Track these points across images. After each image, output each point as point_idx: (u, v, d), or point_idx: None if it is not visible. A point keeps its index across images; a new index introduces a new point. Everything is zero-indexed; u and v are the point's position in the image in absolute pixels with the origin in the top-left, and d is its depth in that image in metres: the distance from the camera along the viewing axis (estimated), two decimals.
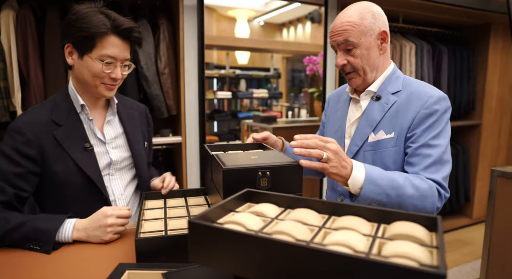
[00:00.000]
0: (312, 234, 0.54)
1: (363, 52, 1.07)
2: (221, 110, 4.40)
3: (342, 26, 1.06)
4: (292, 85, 5.13)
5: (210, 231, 0.51)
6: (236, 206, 0.67)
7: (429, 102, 1.03)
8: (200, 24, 2.17)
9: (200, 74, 2.23)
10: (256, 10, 4.36)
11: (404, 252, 0.45)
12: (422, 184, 0.97)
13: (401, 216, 0.56)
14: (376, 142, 1.08)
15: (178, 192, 1.13)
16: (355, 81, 1.11)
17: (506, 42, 3.53)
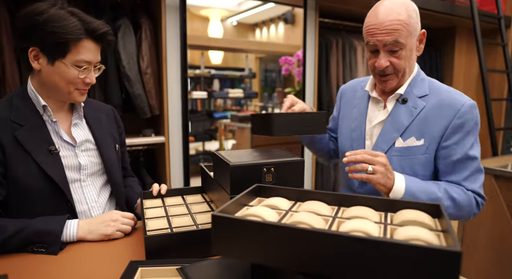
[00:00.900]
0: (328, 223, 0.58)
1: (407, 54, 1.01)
2: (195, 111, 4.38)
3: (391, 24, 0.97)
4: (265, 85, 5.19)
5: (235, 223, 0.54)
6: (248, 200, 0.70)
7: (462, 111, 1.00)
8: (183, 24, 2.17)
9: (182, 74, 2.23)
10: (229, 10, 4.37)
11: (416, 236, 0.50)
12: (461, 195, 0.98)
13: (405, 205, 0.61)
14: (405, 148, 1.05)
15: (174, 191, 1.14)
16: (391, 83, 1.05)
17: (470, 43, 3.75)
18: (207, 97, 4.10)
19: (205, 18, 4.21)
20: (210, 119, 4.21)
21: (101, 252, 0.89)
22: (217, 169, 0.95)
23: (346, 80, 2.93)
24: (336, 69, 2.88)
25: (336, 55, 2.87)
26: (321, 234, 0.49)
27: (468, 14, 2.98)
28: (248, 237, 0.53)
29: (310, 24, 2.62)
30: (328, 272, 0.49)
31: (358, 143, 1.15)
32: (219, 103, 4.87)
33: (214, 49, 4.53)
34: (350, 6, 2.75)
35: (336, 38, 2.88)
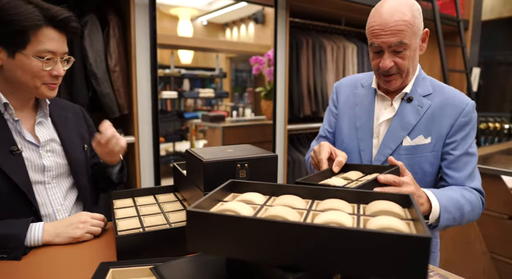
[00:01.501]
0: (303, 216, 0.59)
1: (411, 54, 1.00)
2: (165, 111, 4.32)
3: (396, 25, 0.95)
4: (236, 85, 5.18)
5: (210, 218, 0.54)
6: (223, 196, 0.69)
7: (466, 110, 1.03)
8: (152, 22, 2.13)
9: (152, 72, 2.19)
10: (199, 9, 4.33)
11: (388, 225, 0.51)
12: (472, 197, 1.01)
13: (377, 196, 0.63)
14: (413, 146, 1.06)
15: (146, 190, 1.11)
16: (395, 83, 1.05)
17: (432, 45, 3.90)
18: (177, 97, 4.04)
19: (174, 17, 4.15)
20: (181, 120, 4.16)
21: (69, 255, 0.85)
22: (190, 166, 0.94)
23: (316, 80, 2.97)
24: (306, 68, 2.93)
25: (307, 55, 2.92)
26: (296, 226, 0.49)
27: (431, 16, 3.10)
28: (224, 231, 0.53)
29: (281, 24, 2.64)
30: (305, 263, 0.50)
31: (365, 141, 1.13)
32: (190, 103, 4.81)
33: (184, 49, 4.48)
34: (320, 6, 2.80)
35: (307, 38, 2.92)
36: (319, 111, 3.04)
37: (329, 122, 1.29)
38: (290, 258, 0.50)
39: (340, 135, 1.22)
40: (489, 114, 5.21)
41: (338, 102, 1.26)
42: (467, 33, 3.84)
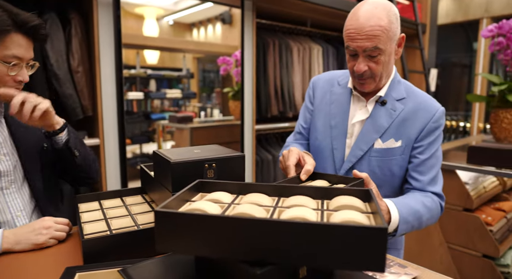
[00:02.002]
0: (269, 213, 0.61)
1: (386, 59, 1.00)
2: (131, 112, 4.23)
3: (372, 30, 0.95)
4: (203, 85, 5.16)
5: (178, 217, 0.55)
6: (191, 196, 0.70)
7: (436, 116, 1.06)
8: (117, 21, 2.09)
9: (117, 73, 2.14)
10: (165, 9, 4.27)
11: (350, 218, 0.55)
12: (432, 204, 1.05)
13: (339, 191, 0.67)
14: (384, 149, 1.08)
15: (112, 193, 1.09)
16: (369, 86, 1.07)
17: None
18: (143, 98, 3.96)
19: (139, 16, 4.06)
20: (147, 121, 4.08)
21: (32, 261, 0.83)
22: (157, 167, 0.94)
23: (283, 80, 3.02)
24: (273, 69, 2.97)
25: (273, 56, 2.96)
26: (262, 222, 0.51)
27: None
28: (193, 230, 0.54)
29: (248, 25, 2.67)
30: (272, 258, 0.52)
31: (338, 140, 1.15)
32: (156, 104, 4.73)
33: (150, 49, 4.39)
34: (286, 8, 2.85)
35: (273, 39, 2.97)
36: (286, 112, 3.09)
37: (305, 118, 1.29)
38: (258, 253, 0.52)
39: (314, 132, 1.23)
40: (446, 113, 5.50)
41: (314, 99, 1.26)
42: (425, 36, 4.04)
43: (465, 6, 4.74)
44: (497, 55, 2.13)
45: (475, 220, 1.80)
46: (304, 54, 3.14)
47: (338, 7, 2.81)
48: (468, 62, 5.26)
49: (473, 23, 4.78)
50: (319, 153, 1.20)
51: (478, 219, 1.79)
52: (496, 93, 2.04)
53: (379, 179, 1.10)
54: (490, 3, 4.52)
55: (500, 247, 1.76)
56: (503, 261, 1.87)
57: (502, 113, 2.01)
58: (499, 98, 2.04)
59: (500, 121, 2.02)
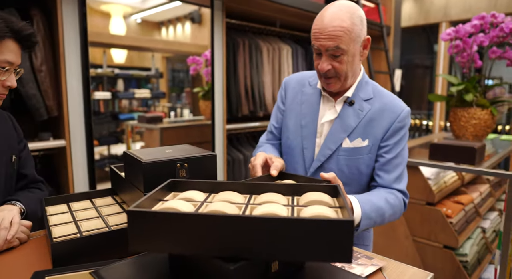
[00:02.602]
0: (242, 210, 0.62)
1: (349, 59, 1.04)
2: (98, 112, 4.11)
3: (334, 30, 0.99)
4: (173, 85, 5.09)
5: (151, 216, 0.55)
6: (163, 195, 0.71)
7: (401, 116, 1.09)
8: (82, 19, 2.03)
9: (84, 72, 2.08)
10: (132, 7, 4.19)
11: (318, 213, 0.57)
12: (396, 201, 1.08)
13: (308, 188, 0.69)
14: (352, 148, 1.11)
15: (81, 195, 1.07)
16: (334, 86, 1.10)
17: None
18: (111, 98, 3.86)
19: (106, 14, 3.96)
20: (116, 121, 3.98)
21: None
22: (128, 168, 0.93)
23: (253, 80, 3.05)
24: (243, 69, 2.99)
25: (243, 56, 2.98)
26: (235, 218, 0.53)
27: None
28: (166, 229, 0.55)
29: (218, 24, 2.67)
30: (244, 253, 0.53)
31: (308, 140, 1.18)
32: (124, 104, 4.62)
33: (117, 47, 4.28)
34: (255, 8, 2.87)
35: (243, 39, 2.98)
36: (256, 111, 3.12)
37: (276, 118, 1.32)
38: (231, 249, 0.53)
39: (286, 132, 1.26)
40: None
41: (286, 99, 1.29)
42: (389, 38, 4.19)
43: (425, 11, 4.97)
44: (455, 57, 2.25)
45: (436, 213, 1.90)
46: (274, 55, 3.18)
47: (306, 8, 2.87)
48: (430, 63, 5.51)
49: (434, 27, 5.02)
50: (290, 151, 1.23)
51: (439, 212, 1.89)
52: (455, 93, 2.16)
53: (347, 177, 1.14)
54: (449, 9, 4.76)
55: (459, 238, 1.87)
56: (462, 250, 1.98)
57: (460, 112, 2.13)
58: (457, 98, 2.16)
59: (458, 119, 2.14)
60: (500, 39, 2.08)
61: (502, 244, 1.69)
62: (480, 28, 2.13)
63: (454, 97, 2.20)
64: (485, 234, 2.39)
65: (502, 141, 2.67)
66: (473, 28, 2.12)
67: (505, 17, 2.08)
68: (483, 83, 2.17)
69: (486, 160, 1.91)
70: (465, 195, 2.22)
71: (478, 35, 2.13)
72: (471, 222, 2.15)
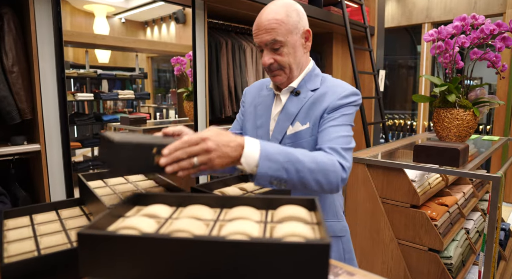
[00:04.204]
0: (209, 228, 0.57)
1: (290, 51, 1.07)
2: (82, 114, 4.01)
3: (269, 24, 1.03)
4: (158, 85, 5.01)
5: (103, 240, 0.49)
6: (125, 210, 0.65)
7: (342, 95, 1.07)
8: (56, 17, 1.95)
9: (59, 73, 2.00)
10: (115, 6, 4.10)
11: (293, 232, 0.53)
12: (322, 158, 0.92)
13: (284, 201, 0.65)
14: (294, 134, 1.11)
15: (46, 206, 1.00)
16: (280, 78, 1.12)
17: (345, 48, 4.19)
18: (94, 99, 3.77)
19: (89, 13, 3.86)
20: (99, 123, 3.89)
21: None
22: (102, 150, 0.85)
23: (236, 81, 3.00)
24: (226, 69, 2.93)
25: (226, 56, 2.92)
26: (195, 242, 0.47)
27: (342, 22, 3.32)
28: (117, 253, 0.49)
29: (199, 24, 2.61)
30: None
31: (263, 139, 1.15)
32: (109, 105, 4.52)
33: (100, 48, 4.18)
34: (237, 8, 2.82)
35: (226, 39, 2.93)
36: None
37: (234, 125, 1.33)
38: (190, 275, 0.48)
39: (245, 135, 1.25)
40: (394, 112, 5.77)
41: (245, 105, 1.30)
42: (373, 38, 4.19)
43: (408, 12, 5.00)
44: (438, 58, 2.25)
45: (421, 216, 1.88)
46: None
47: None
48: (413, 64, 5.55)
49: (417, 27, 5.05)
50: None
51: (424, 215, 1.88)
52: (438, 94, 2.15)
53: None
54: (430, 10, 4.81)
55: (443, 240, 1.86)
56: (446, 253, 1.97)
57: (443, 112, 2.12)
58: (441, 98, 2.16)
59: (441, 120, 2.13)
60: (481, 41, 2.08)
61: (486, 246, 1.69)
62: (462, 29, 2.13)
63: (437, 98, 2.19)
64: (469, 234, 2.40)
65: (484, 141, 2.69)
66: (454, 29, 2.12)
67: (485, 19, 2.08)
68: (465, 84, 2.17)
69: (470, 160, 1.91)
70: (449, 196, 2.22)
71: (460, 36, 2.13)
72: (455, 223, 2.14)
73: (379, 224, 2.02)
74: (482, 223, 2.66)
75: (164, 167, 0.78)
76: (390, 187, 1.97)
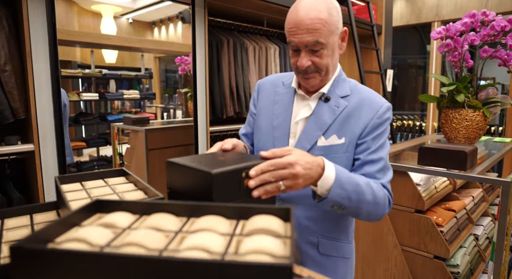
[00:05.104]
0: (167, 241, 0.51)
1: (329, 53, 0.98)
2: (88, 113, 4.01)
3: (312, 23, 0.93)
4: (166, 86, 4.99)
5: (36, 255, 0.43)
6: (83, 218, 0.59)
7: (380, 112, 1.02)
8: (51, 15, 1.91)
9: (53, 71, 1.96)
10: (123, 7, 4.09)
11: (259, 248, 0.46)
12: (379, 191, 0.96)
13: (257, 210, 0.58)
14: (327, 146, 1.03)
15: (21, 210, 0.94)
16: (314, 81, 1.03)
17: (351, 47, 4.10)
18: (99, 99, 3.78)
19: (97, 14, 3.86)
20: (105, 123, 3.89)
21: None
22: (184, 180, 0.80)
23: (238, 80, 2.93)
24: (228, 68, 2.87)
25: (228, 55, 2.86)
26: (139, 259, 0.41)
27: (347, 20, 3.24)
28: (53, 271, 0.43)
29: (199, 22, 2.55)
30: None
31: (281, 141, 1.09)
32: (117, 105, 4.52)
33: (106, 48, 4.18)
34: (238, 5, 2.76)
35: (227, 37, 2.87)
36: (242, 112, 3.00)
37: (248, 122, 1.26)
38: None
39: (258, 134, 1.18)
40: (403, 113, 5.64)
41: (258, 101, 1.21)
42: (381, 37, 4.09)
43: (417, 10, 4.87)
44: (446, 56, 2.15)
45: (426, 222, 1.79)
46: (260, 54, 3.07)
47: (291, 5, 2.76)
48: (423, 63, 5.42)
49: (426, 26, 4.93)
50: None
51: (429, 220, 1.79)
52: (446, 93, 2.05)
53: None
54: (440, 8, 4.68)
55: (450, 248, 1.76)
56: (453, 261, 1.88)
57: (452, 113, 2.02)
58: (449, 98, 2.06)
59: (450, 121, 2.04)
60: (492, 38, 1.98)
61: (495, 254, 1.59)
62: (471, 26, 2.03)
63: (445, 98, 2.09)
64: (478, 241, 2.29)
65: (495, 143, 2.57)
66: (463, 26, 2.02)
67: (496, 15, 1.98)
68: (475, 84, 2.07)
69: (479, 163, 1.81)
70: (457, 200, 2.12)
71: (469, 34, 2.03)
72: (463, 229, 2.04)
73: (382, 229, 1.93)
74: (492, 229, 2.54)
75: (250, 191, 0.77)
76: (394, 191, 1.88)
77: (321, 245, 1.08)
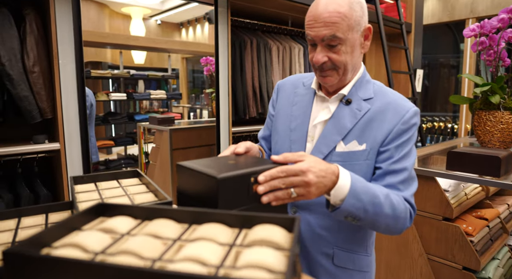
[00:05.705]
0: (164, 249, 0.48)
1: (348, 50, 0.92)
2: (116, 113, 4.12)
3: (330, 16, 0.88)
4: (193, 86, 5.05)
5: (28, 261, 0.42)
6: (85, 222, 0.58)
7: (407, 117, 0.94)
8: (77, 17, 1.95)
9: (79, 72, 2.01)
10: (151, 8, 4.18)
11: (258, 262, 0.42)
12: (400, 204, 0.89)
13: (261, 219, 0.54)
14: (347, 153, 0.96)
15: (38, 208, 0.96)
16: (331, 79, 0.97)
17: (378, 46, 3.98)
18: (126, 99, 3.88)
19: (127, 16, 3.96)
20: (132, 122, 3.99)
21: None
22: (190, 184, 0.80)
23: (261, 81, 2.91)
24: (251, 69, 2.85)
25: (251, 55, 2.84)
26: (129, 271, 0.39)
27: (374, 18, 3.14)
28: (45, 277, 0.42)
29: (222, 22, 2.55)
30: None
31: (298, 144, 1.04)
32: (145, 105, 4.62)
33: (134, 49, 4.28)
34: (262, 5, 2.73)
35: (251, 37, 2.85)
36: (265, 113, 2.97)
37: (267, 124, 1.22)
38: None
39: (275, 136, 1.14)
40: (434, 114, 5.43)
41: (277, 103, 1.16)
42: (410, 36, 3.94)
43: (450, 7, 4.66)
44: (481, 55, 2.03)
45: (455, 230, 1.70)
46: (284, 54, 3.03)
47: None
48: (456, 63, 5.19)
49: (460, 24, 4.71)
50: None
51: (458, 229, 1.69)
52: (479, 94, 1.94)
53: None
54: (475, 4, 4.45)
55: (481, 259, 1.66)
56: (484, 274, 1.77)
57: (485, 115, 1.91)
58: (482, 100, 1.94)
59: (483, 123, 1.92)
60: None
61: None
62: (509, 22, 1.90)
63: (479, 99, 1.98)
64: None
65: None
66: (500, 22, 1.89)
67: None
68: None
69: None
70: (490, 208, 1.99)
71: (506, 31, 1.90)
72: (496, 239, 1.92)
73: (407, 237, 1.85)
74: None
75: (260, 197, 0.75)
76: (420, 197, 1.79)
77: (336, 256, 1.02)
